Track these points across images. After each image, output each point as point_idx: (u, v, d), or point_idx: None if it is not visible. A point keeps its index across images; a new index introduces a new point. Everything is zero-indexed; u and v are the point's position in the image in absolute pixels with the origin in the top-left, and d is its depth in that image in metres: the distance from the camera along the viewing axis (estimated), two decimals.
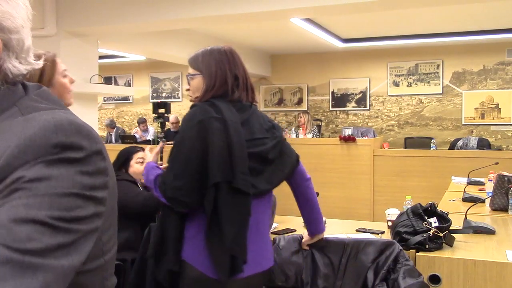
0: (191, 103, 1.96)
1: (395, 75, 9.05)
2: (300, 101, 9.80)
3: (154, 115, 8.17)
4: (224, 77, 1.90)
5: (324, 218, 2.29)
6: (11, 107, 0.74)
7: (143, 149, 2.40)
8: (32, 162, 0.64)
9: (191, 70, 1.96)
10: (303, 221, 2.25)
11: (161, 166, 1.98)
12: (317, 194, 3.17)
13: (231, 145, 1.80)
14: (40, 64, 0.80)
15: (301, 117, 7.96)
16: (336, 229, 2.93)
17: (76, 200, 0.66)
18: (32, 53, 0.79)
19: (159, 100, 10.19)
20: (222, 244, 1.75)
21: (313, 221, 2.21)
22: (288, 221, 3.17)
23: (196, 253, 1.81)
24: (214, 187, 1.77)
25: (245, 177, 1.80)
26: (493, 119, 8.46)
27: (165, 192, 1.79)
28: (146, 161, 2.05)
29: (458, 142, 7.44)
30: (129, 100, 11.12)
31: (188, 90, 1.99)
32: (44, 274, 0.60)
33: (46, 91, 0.80)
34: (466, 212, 2.75)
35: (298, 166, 2.08)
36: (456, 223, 2.66)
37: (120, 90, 8.24)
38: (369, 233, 2.85)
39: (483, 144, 7.23)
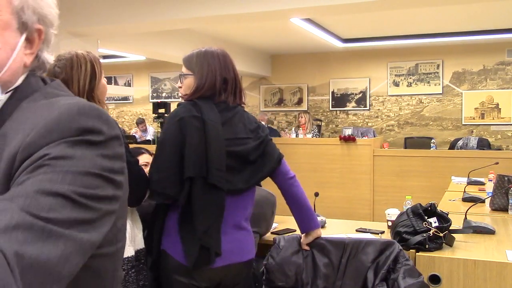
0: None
1: (395, 75, 9.05)
2: (300, 101, 9.80)
3: (154, 115, 8.18)
4: (213, 80, 2.00)
5: (324, 218, 2.30)
6: (34, 93, 0.79)
7: (147, 151, 2.38)
8: (56, 142, 0.68)
9: (184, 70, 2.07)
10: (294, 218, 2.27)
11: None
12: (317, 194, 3.18)
13: (207, 142, 1.91)
14: (51, 58, 0.86)
15: (301, 117, 7.96)
16: (336, 229, 2.92)
17: (96, 179, 0.70)
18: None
19: (159, 100, 10.19)
20: (193, 235, 1.87)
21: (304, 219, 2.23)
22: (288, 221, 3.17)
23: (173, 243, 1.93)
24: (189, 181, 1.88)
25: (219, 174, 1.91)
26: (493, 119, 8.46)
27: (150, 185, 1.89)
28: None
29: (458, 142, 7.44)
30: (129, 100, 11.13)
31: (180, 87, 2.10)
32: (65, 243, 0.63)
33: (61, 83, 0.86)
34: (466, 212, 2.75)
35: (279, 166, 2.13)
36: (456, 223, 2.66)
37: (120, 90, 8.24)
38: (369, 233, 2.85)
39: (483, 144, 7.23)
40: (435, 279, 2.23)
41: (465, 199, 3.73)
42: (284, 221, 3.16)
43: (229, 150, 1.96)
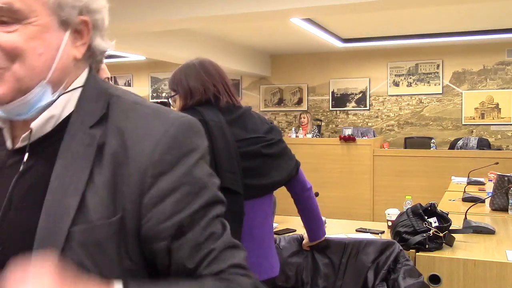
0: None
1: (395, 75, 9.05)
2: (300, 101, 9.80)
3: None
4: (200, 87, 1.88)
5: (324, 218, 2.29)
6: (109, 89, 0.83)
7: None
8: (180, 162, 0.77)
9: (171, 92, 1.97)
10: (303, 225, 2.25)
11: None
12: (317, 194, 3.17)
13: (213, 144, 1.77)
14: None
15: (303, 118, 7.96)
16: (336, 229, 2.92)
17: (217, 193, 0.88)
18: None
19: (159, 100, 10.19)
20: None
21: (313, 229, 2.19)
22: (288, 221, 3.17)
23: None
24: None
25: (233, 176, 1.76)
26: (493, 119, 8.46)
27: None
28: None
29: (458, 142, 7.44)
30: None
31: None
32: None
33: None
34: (466, 212, 2.75)
35: (297, 175, 2.01)
36: (456, 223, 2.66)
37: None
38: (369, 233, 2.85)
39: (483, 144, 7.23)
40: (435, 279, 2.23)
41: (465, 199, 3.74)
42: (284, 221, 3.16)
43: (242, 152, 1.82)
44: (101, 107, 0.79)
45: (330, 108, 9.57)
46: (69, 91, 0.80)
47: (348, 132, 7.30)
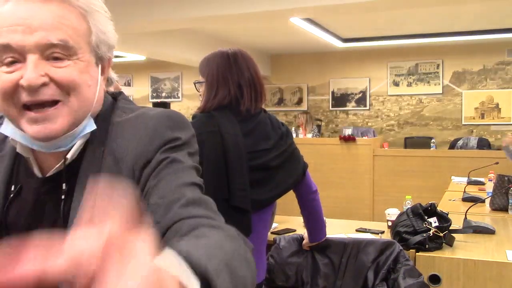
0: (191, 103, 1.92)
1: (395, 75, 9.05)
2: (300, 101, 9.80)
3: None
4: (226, 86, 1.81)
5: (324, 219, 2.29)
6: (115, 111, 0.91)
7: None
8: (162, 148, 0.83)
9: (200, 77, 1.89)
10: (304, 225, 2.25)
11: None
12: None
13: (227, 160, 1.72)
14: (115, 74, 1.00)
15: (299, 118, 7.96)
16: (336, 229, 2.93)
17: (196, 171, 0.87)
18: None
19: (159, 100, 10.19)
20: None
21: (315, 230, 2.19)
22: (288, 221, 3.17)
23: None
24: None
25: (243, 194, 1.73)
26: (493, 119, 8.46)
27: None
28: None
29: (458, 142, 7.44)
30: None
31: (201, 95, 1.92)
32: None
33: (126, 95, 0.99)
34: (466, 212, 2.75)
35: (304, 179, 1.98)
36: (456, 223, 2.66)
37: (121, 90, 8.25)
38: (369, 233, 2.85)
39: (483, 144, 7.23)
40: (435, 279, 2.23)
41: (465, 199, 3.74)
42: (284, 221, 3.16)
43: (251, 165, 1.78)
44: (105, 127, 0.87)
45: (330, 108, 9.57)
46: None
47: (348, 132, 7.30)
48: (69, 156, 0.83)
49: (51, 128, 0.78)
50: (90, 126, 0.85)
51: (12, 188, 0.86)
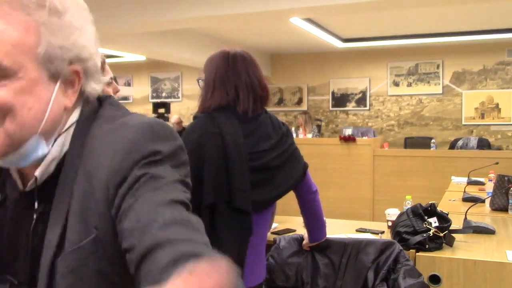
0: (191, 103, 1.92)
1: (395, 75, 9.05)
2: (300, 101, 9.80)
3: (154, 115, 8.18)
4: (223, 87, 1.81)
5: (324, 218, 2.29)
6: (96, 119, 0.83)
7: None
8: (140, 163, 0.75)
9: (204, 75, 1.89)
10: (304, 225, 2.25)
11: None
12: None
13: (228, 161, 1.72)
14: (107, 78, 0.89)
15: (298, 119, 7.96)
16: (336, 229, 2.92)
17: (180, 185, 0.78)
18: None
19: (159, 100, 10.19)
20: None
21: (315, 230, 2.19)
22: (288, 221, 3.17)
23: None
24: (209, 208, 1.69)
25: (244, 195, 1.72)
26: (493, 119, 8.46)
27: None
28: None
29: (458, 142, 7.43)
30: (129, 100, 11.12)
31: None
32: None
33: (115, 100, 0.90)
34: (466, 212, 2.75)
35: (304, 179, 1.98)
36: (456, 223, 2.66)
37: (120, 90, 8.25)
38: (369, 233, 2.85)
39: (483, 144, 7.23)
40: (435, 279, 2.23)
41: (465, 199, 3.73)
42: (284, 221, 3.16)
43: (251, 165, 1.76)
44: (80, 148, 0.80)
45: (330, 108, 9.57)
46: (63, 132, 0.81)
47: (348, 132, 7.30)
48: (37, 173, 0.79)
49: None
50: (41, 147, 0.78)
51: None
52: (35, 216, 0.80)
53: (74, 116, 0.83)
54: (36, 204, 0.80)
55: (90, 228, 0.75)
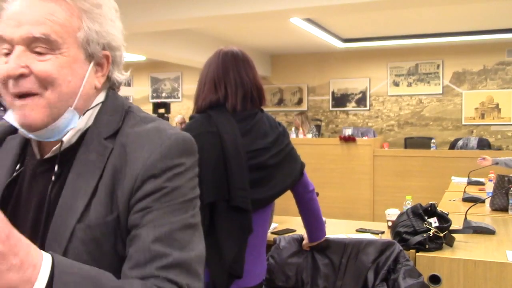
0: (191, 103, 1.93)
1: (395, 75, 9.05)
2: (300, 101, 9.80)
3: (154, 115, 8.18)
4: (212, 84, 1.82)
5: (324, 218, 2.29)
6: (129, 114, 0.93)
7: None
8: (169, 171, 0.84)
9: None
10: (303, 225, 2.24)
11: None
12: (317, 194, 3.17)
13: (227, 160, 1.72)
14: (127, 75, 0.99)
15: (295, 120, 7.95)
16: (336, 229, 2.92)
17: (193, 201, 0.89)
18: None
19: (159, 100, 10.18)
20: (222, 265, 1.70)
21: (314, 229, 2.18)
22: (288, 221, 3.17)
23: None
24: (209, 206, 1.70)
25: (243, 194, 1.73)
26: (493, 119, 8.46)
27: None
28: None
29: (458, 142, 7.43)
30: (128, 100, 11.13)
31: None
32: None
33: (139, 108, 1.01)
34: (466, 212, 2.75)
35: (301, 178, 1.98)
36: (456, 223, 2.66)
37: (120, 90, 8.25)
38: (369, 233, 2.85)
39: (483, 144, 7.23)
40: (435, 279, 2.23)
41: (465, 199, 3.74)
42: (284, 221, 3.16)
43: (249, 164, 1.77)
44: (117, 120, 0.91)
45: (330, 108, 9.57)
46: (92, 108, 0.91)
47: (348, 132, 7.30)
48: (65, 139, 0.87)
49: (29, 117, 0.83)
50: (74, 120, 0.87)
51: (18, 167, 0.92)
52: (53, 178, 0.87)
53: (101, 97, 0.93)
54: (56, 167, 0.87)
55: (116, 205, 0.83)
